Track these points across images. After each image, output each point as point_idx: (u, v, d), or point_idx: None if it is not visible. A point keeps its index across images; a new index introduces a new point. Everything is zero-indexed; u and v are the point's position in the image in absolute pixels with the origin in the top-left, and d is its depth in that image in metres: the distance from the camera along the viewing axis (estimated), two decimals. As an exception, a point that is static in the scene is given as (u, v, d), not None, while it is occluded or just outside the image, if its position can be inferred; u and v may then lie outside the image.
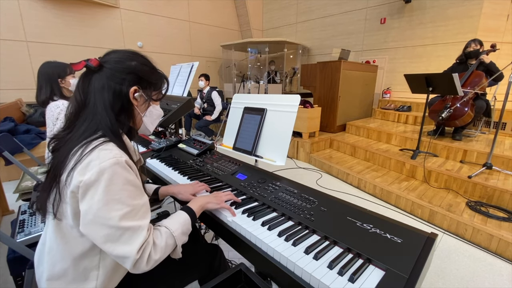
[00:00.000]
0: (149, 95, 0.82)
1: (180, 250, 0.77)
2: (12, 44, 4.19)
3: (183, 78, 2.09)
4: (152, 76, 0.81)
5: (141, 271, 0.66)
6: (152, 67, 0.82)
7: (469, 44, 3.05)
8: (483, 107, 2.92)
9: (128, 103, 0.76)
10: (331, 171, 3.37)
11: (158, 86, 0.85)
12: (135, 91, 0.76)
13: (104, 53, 0.78)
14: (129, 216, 0.64)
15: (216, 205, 0.90)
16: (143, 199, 0.70)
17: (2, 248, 1.37)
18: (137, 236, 0.64)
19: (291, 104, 1.23)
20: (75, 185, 0.62)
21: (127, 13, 5.35)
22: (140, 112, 0.81)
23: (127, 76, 0.75)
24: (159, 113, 0.90)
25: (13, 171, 2.96)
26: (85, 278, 0.70)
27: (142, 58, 0.80)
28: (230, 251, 1.65)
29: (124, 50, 0.79)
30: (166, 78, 0.87)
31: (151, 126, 0.89)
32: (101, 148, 0.65)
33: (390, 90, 5.08)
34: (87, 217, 0.62)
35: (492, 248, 1.88)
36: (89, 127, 0.70)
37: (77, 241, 0.68)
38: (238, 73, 6.64)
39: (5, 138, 1.88)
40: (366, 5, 5.23)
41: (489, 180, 2.34)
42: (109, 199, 0.62)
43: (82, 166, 0.63)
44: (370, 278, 0.60)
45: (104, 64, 0.73)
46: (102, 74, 0.73)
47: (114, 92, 0.73)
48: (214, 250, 1.04)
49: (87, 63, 0.72)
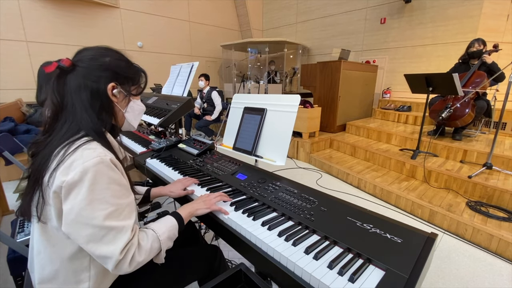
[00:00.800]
0: (128, 91, 0.80)
1: (163, 255, 0.75)
2: (12, 44, 4.20)
3: (183, 78, 2.09)
4: (129, 71, 0.80)
5: (122, 272, 0.65)
6: (127, 61, 0.81)
7: (472, 44, 3.03)
8: (483, 107, 2.92)
9: (107, 101, 0.75)
10: (331, 171, 3.37)
11: (136, 80, 0.83)
12: (113, 88, 0.75)
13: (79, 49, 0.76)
14: (113, 216, 0.63)
15: (206, 210, 0.90)
16: (128, 199, 0.69)
17: (2, 248, 1.37)
18: (121, 236, 0.63)
19: (291, 104, 1.23)
20: (58, 185, 0.61)
21: (127, 13, 5.35)
22: (121, 108, 0.80)
23: (103, 73, 0.73)
24: (141, 107, 0.88)
25: (13, 171, 2.96)
26: (77, 280, 0.69)
27: (115, 53, 0.78)
28: (230, 251, 1.65)
29: (97, 47, 0.76)
30: (143, 71, 0.86)
31: (135, 122, 0.87)
32: (84, 148, 0.64)
33: (390, 90, 5.08)
34: (70, 216, 0.61)
35: (492, 248, 1.88)
36: (70, 128, 0.68)
37: (65, 243, 0.67)
38: (238, 73, 6.64)
39: (5, 138, 1.88)
40: (366, 5, 5.22)
41: (489, 180, 2.34)
42: (92, 199, 0.61)
43: (65, 166, 0.62)
44: (370, 278, 0.60)
45: (77, 63, 0.71)
46: (77, 73, 0.71)
47: (91, 91, 0.71)
48: (213, 252, 1.04)
49: (59, 64, 0.69)
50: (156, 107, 1.94)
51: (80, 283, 0.69)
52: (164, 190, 1.10)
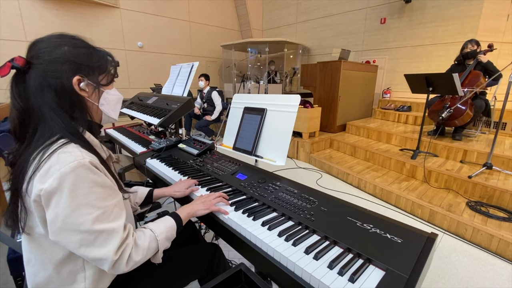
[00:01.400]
0: (96, 82, 0.72)
1: (161, 255, 0.75)
2: (12, 44, 4.20)
3: (183, 78, 2.09)
4: (92, 58, 0.71)
5: (120, 272, 0.64)
6: (89, 46, 0.72)
7: (465, 45, 3.07)
8: (482, 106, 2.92)
9: (76, 97, 0.68)
10: (331, 171, 3.37)
11: (103, 68, 0.74)
12: (79, 81, 0.67)
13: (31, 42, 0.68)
14: (101, 219, 0.61)
15: (205, 211, 0.89)
16: (115, 199, 0.66)
17: (2, 248, 1.37)
18: (113, 237, 0.62)
19: (291, 104, 1.23)
20: (36, 194, 0.58)
21: (127, 13, 5.35)
22: (94, 102, 0.73)
23: (63, 66, 0.65)
24: (116, 97, 0.80)
25: (13, 171, 2.96)
26: (72, 282, 0.67)
27: (73, 39, 0.69)
28: (230, 251, 1.65)
29: (50, 36, 0.68)
30: (109, 54, 0.76)
31: (114, 113, 0.80)
32: (60, 152, 0.60)
33: (390, 90, 5.08)
34: (56, 225, 0.58)
35: (492, 248, 1.88)
36: (43, 133, 0.63)
37: (54, 248, 0.65)
38: (238, 73, 6.64)
39: (5, 138, 1.88)
40: (366, 5, 5.22)
41: (489, 180, 2.34)
42: (77, 204, 0.58)
43: (41, 173, 0.58)
44: (370, 278, 0.60)
45: (32, 60, 0.64)
46: (35, 72, 0.63)
47: (56, 90, 0.64)
48: (213, 249, 1.04)
49: (13, 64, 0.63)
50: (156, 107, 1.94)
51: (76, 284, 0.68)
52: (168, 191, 1.09)
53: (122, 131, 2.21)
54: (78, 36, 0.71)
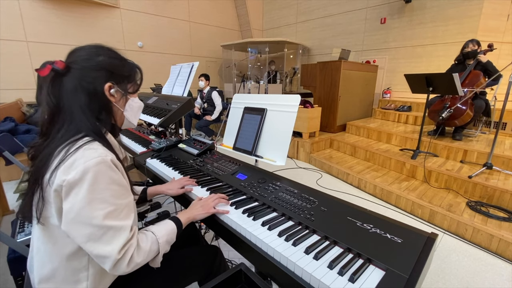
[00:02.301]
0: (125, 89, 0.79)
1: (160, 259, 0.76)
2: (12, 44, 4.20)
3: (183, 78, 2.09)
4: (124, 69, 0.78)
5: (120, 273, 0.65)
6: (121, 58, 0.79)
7: (466, 45, 3.06)
8: (482, 106, 2.92)
9: (105, 101, 0.74)
10: (331, 171, 3.37)
11: (132, 78, 0.82)
12: (110, 88, 0.74)
13: (71, 49, 0.75)
14: (112, 215, 0.64)
15: (204, 215, 0.90)
16: (127, 199, 0.69)
17: (3, 248, 1.37)
18: (119, 236, 0.64)
19: (291, 104, 1.23)
20: (59, 184, 0.61)
21: (127, 13, 5.35)
22: (119, 107, 0.79)
23: (98, 73, 0.72)
24: (139, 104, 0.87)
25: (13, 171, 2.96)
26: (75, 279, 0.69)
27: (108, 51, 0.77)
28: (230, 251, 1.65)
29: (89, 46, 0.75)
30: (138, 67, 0.84)
31: (134, 120, 0.87)
32: (86, 148, 0.64)
33: (390, 90, 5.08)
34: (69, 215, 0.61)
35: (492, 248, 1.88)
36: (69, 130, 0.67)
37: (65, 241, 0.67)
38: (238, 73, 6.64)
39: (6, 138, 1.88)
40: (366, 5, 5.22)
41: (489, 180, 2.34)
42: (92, 198, 0.61)
43: (66, 165, 0.62)
44: (370, 278, 0.60)
45: (71, 64, 0.70)
46: (72, 75, 0.70)
47: (88, 93, 0.70)
48: (213, 252, 1.04)
49: (53, 67, 0.68)
50: (156, 107, 1.94)
51: (79, 283, 0.69)
52: (161, 188, 1.11)
53: (122, 131, 2.22)
54: (113, 48, 0.79)
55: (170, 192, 1.08)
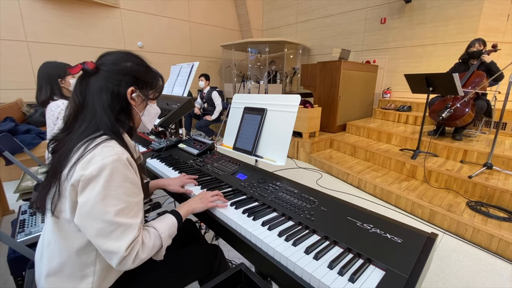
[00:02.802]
0: (146, 95, 0.84)
1: (163, 253, 0.78)
2: (12, 44, 4.19)
3: (183, 78, 2.09)
4: (148, 76, 0.83)
5: (126, 269, 0.67)
6: (147, 66, 0.84)
7: (473, 44, 3.02)
8: (483, 107, 2.92)
9: (126, 104, 0.78)
10: (331, 171, 3.37)
11: (154, 85, 0.86)
12: (133, 92, 0.78)
13: (102, 53, 0.80)
14: (123, 213, 0.66)
15: (203, 208, 0.92)
16: (138, 197, 0.72)
17: (3, 248, 1.37)
18: (128, 233, 0.66)
19: (291, 104, 1.23)
20: (76, 178, 0.63)
21: (127, 13, 5.35)
22: (138, 111, 0.83)
23: (123, 77, 0.76)
24: (156, 111, 0.92)
25: (14, 171, 2.96)
26: (82, 274, 0.71)
27: (136, 58, 0.82)
28: (230, 251, 1.65)
29: (119, 52, 0.80)
30: (161, 76, 0.89)
31: (150, 125, 0.91)
32: (104, 145, 0.67)
33: (390, 90, 5.08)
34: (83, 209, 0.64)
35: (492, 248, 1.88)
36: (89, 127, 0.71)
37: (75, 236, 0.69)
38: (238, 73, 6.64)
39: (6, 138, 1.88)
40: (366, 5, 5.22)
41: (490, 180, 2.34)
42: (107, 194, 0.64)
43: (84, 161, 0.64)
44: (370, 278, 0.60)
45: (100, 66, 0.75)
46: (99, 76, 0.74)
47: (112, 94, 0.74)
48: (214, 251, 1.05)
49: (84, 67, 0.73)
50: (156, 107, 1.94)
51: (85, 278, 0.71)
52: (162, 182, 1.13)
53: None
54: (141, 56, 0.84)
55: (170, 187, 1.10)
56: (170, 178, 1.15)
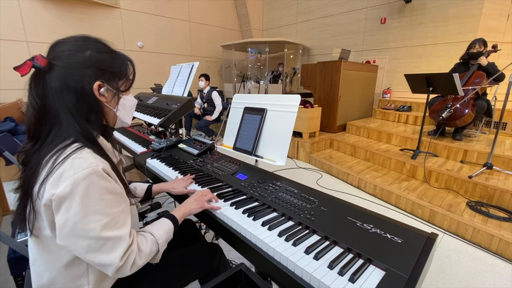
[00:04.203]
0: (116, 88, 0.72)
1: (159, 257, 0.76)
2: (12, 44, 4.20)
3: (183, 78, 2.09)
4: (114, 64, 0.70)
5: (123, 276, 0.65)
6: (111, 51, 0.71)
7: (473, 45, 3.00)
8: (484, 107, 2.91)
9: (95, 102, 0.67)
10: (331, 171, 3.37)
11: (123, 74, 0.73)
12: (100, 87, 0.67)
13: (53, 42, 0.67)
14: (109, 226, 0.61)
15: (198, 209, 0.91)
16: (122, 206, 0.66)
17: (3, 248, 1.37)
18: (119, 244, 0.62)
19: (291, 104, 1.23)
20: (48, 198, 0.58)
21: (127, 13, 5.35)
22: (111, 108, 0.73)
23: (85, 71, 0.64)
24: (132, 102, 0.81)
25: (14, 171, 2.95)
26: (76, 286, 0.68)
27: (96, 43, 0.69)
28: (230, 251, 1.64)
29: (73, 38, 0.67)
30: (129, 59, 0.76)
31: (128, 118, 0.80)
32: (74, 157, 0.60)
33: (390, 90, 5.08)
34: (64, 230, 0.58)
35: (492, 248, 1.88)
36: (57, 135, 0.62)
37: (60, 252, 0.65)
38: (238, 73, 6.64)
39: (6, 138, 1.88)
40: (366, 5, 5.22)
41: (490, 180, 2.33)
42: (87, 211, 0.58)
43: (54, 178, 0.58)
44: (371, 278, 0.60)
45: (53, 61, 0.63)
46: (56, 74, 0.62)
47: (76, 93, 0.64)
48: (213, 249, 1.04)
49: (34, 63, 0.61)
50: (157, 107, 1.94)
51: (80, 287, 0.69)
52: (166, 186, 1.11)
53: (122, 131, 2.21)
54: (101, 39, 0.70)
55: (174, 191, 1.07)
56: (173, 182, 1.12)
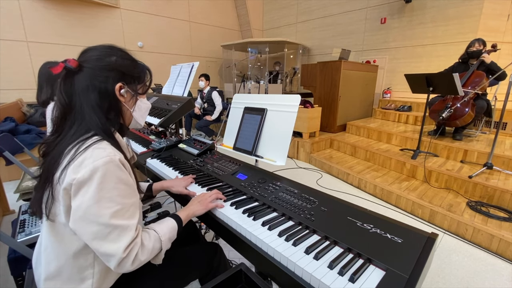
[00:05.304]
0: (134, 90, 0.81)
1: (162, 257, 0.77)
2: (12, 44, 4.20)
3: (183, 78, 2.09)
4: (135, 70, 0.80)
5: (125, 271, 0.67)
6: (133, 59, 0.81)
7: (472, 44, 3.02)
8: (483, 107, 2.91)
9: (115, 101, 0.76)
10: (331, 171, 3.37)
11: (142, 79, 0.83)
12: (121, 88, 0.76)
13: (84, 48, 0.76)
14: (119, 214, 0.65)
15: (203, 211, 0.92)
16: (133, 198, 0.70)
17: (3, 248, 1.37)
18: (125, 235, 0.65)
19: (292, 104, 1.23)
20: (68, 182, 0.62)
21: (127, 13, 5.35)
22: (128, 108, 0.81)
23: (109, 73, 0.73)
24: (147, 106, 0.89)
25: (14, 171, 2.96)
26: (81, 277, 0.70)
27: (121, 51, 0.78)
28: (230, 251, 1.64)
29: (102, 46, 0.77)
30: (148, 69, 0.86)
31: (142, 120, 0.89)
32: (95, 147, 0.66)
33: (390, 90, 5.08)
34: (78, 213, 0.62)
35: (492, 248, 1.88)
36: (79, 129, 0.69)
37: (71, 239, 0.68)
38: (238, 73, 6.64)
39: (6, 138, 1.88)
40: (366, 5, 5.22)
41: (490, 180, 2.33)
42: (100, 197, 0.62)
43: (75, 164, 0.63)
44: (371, 278, 0.60)
45: (83, 63, 0.72)
46: (84, 74, 0.71)
47: (99, 92, 0.72)
48: (214, 249, 1.05)
49: (66, 65, 0.69)
50: (157, 107, 1.94)
51: (84, 280, 0.71)
52: (166, 184, 1.12)
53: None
54: (125, 49, 0.80)
55: (174, 189, 1.09)
56: (174, 180, 1.14)
